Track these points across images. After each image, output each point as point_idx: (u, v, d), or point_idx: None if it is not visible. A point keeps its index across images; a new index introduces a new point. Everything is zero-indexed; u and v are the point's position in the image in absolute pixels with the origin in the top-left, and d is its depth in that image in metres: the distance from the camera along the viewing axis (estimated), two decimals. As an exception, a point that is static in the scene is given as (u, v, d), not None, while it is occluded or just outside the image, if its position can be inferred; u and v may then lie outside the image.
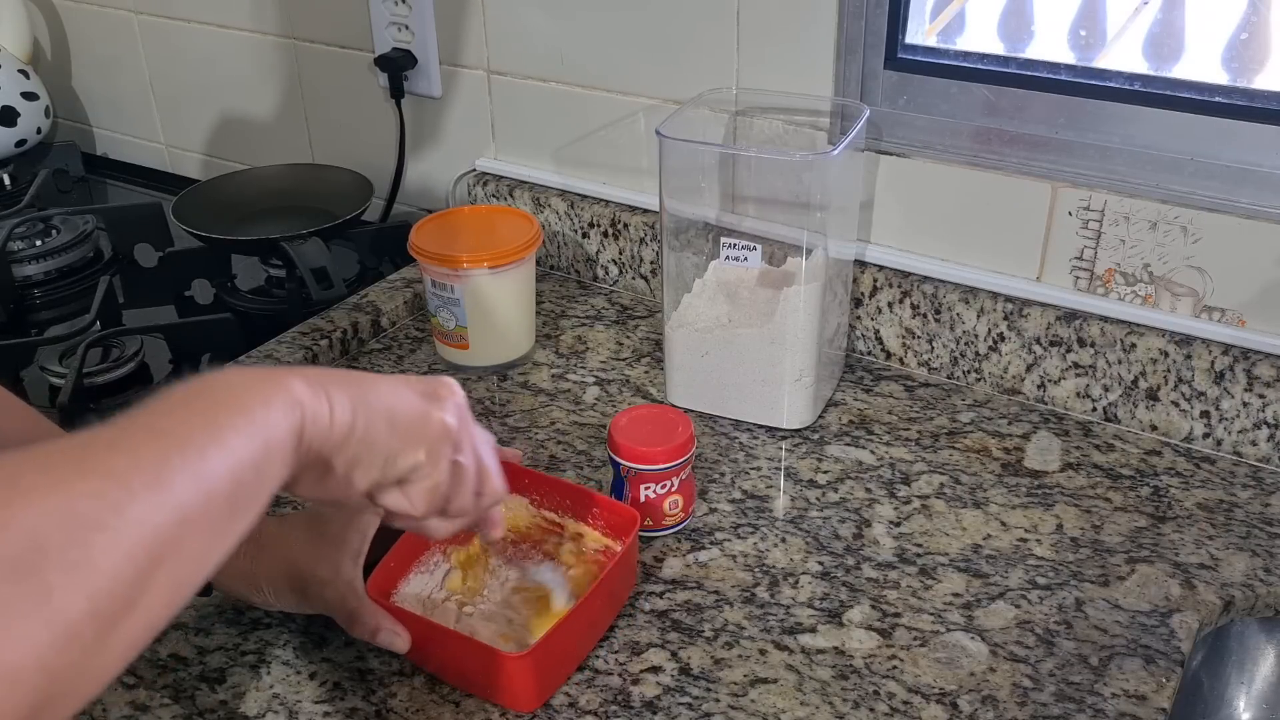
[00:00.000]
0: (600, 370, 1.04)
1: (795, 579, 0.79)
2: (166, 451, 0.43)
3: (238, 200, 1.28)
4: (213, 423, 0.45)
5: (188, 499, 0.42)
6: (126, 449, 0.42)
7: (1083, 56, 0.94)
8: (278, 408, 0.48)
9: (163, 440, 0.43)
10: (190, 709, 0.70)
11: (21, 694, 0.36)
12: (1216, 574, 0.79)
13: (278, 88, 1.38)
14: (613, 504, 0.77)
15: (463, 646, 0.69)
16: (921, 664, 0.72)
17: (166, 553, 0.41)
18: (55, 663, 0.37)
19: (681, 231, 0.96)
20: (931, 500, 0.86)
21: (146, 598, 0.41)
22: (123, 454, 0.42)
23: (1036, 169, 0.93)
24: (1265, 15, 0.88)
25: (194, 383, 0.47)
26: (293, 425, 0.49)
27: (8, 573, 0.36)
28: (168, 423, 0.44)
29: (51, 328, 1.17)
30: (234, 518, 0.46)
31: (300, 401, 0.49)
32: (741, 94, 1.02)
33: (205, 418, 0.45)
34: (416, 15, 1.19)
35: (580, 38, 1.11)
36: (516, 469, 0.79)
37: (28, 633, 0.36)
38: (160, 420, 0.45)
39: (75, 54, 1.58)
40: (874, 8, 0.94)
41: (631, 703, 0.69)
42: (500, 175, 1.22)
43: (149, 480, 0.41)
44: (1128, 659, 0.72)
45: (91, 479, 0.40)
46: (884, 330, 1.03)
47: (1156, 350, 0.91)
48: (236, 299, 1.21)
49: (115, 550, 0.39)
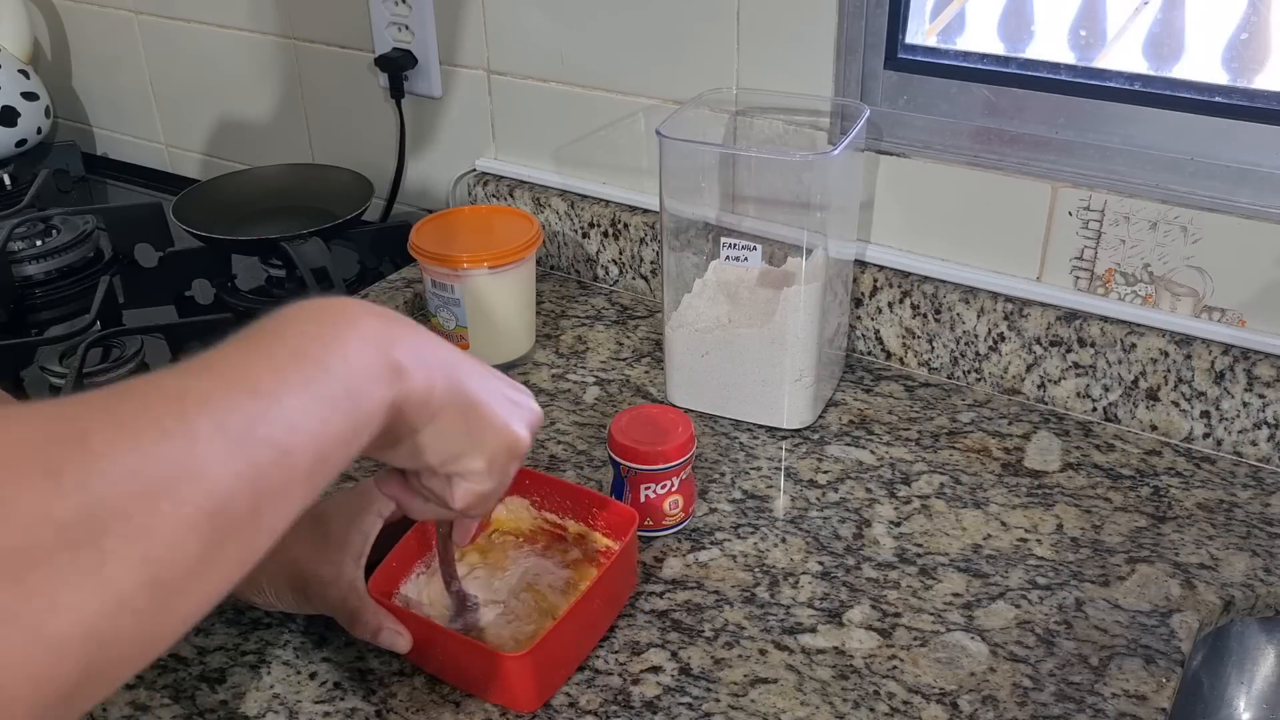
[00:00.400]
0: (600, 370, 1.04)
1: (795, 579, 0.79)
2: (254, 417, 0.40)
3: (238, 200, 1.28)
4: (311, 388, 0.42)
5: (268, 472, 0.40)
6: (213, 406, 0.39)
7: (1083, 56, 0.94)
8: (382, 382, 0.46)
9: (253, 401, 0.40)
10: (190, 709, 0.70)
11: (71, 661, 0.35)
12: (1216, 574, 0.79)
13: (278, 88, 1.38)
14: (612, 504, 0.77)
15: (462, 647, 0.69)
16: (921, 664, 0.72)
17: (235, 524, 0.39)
18: (106, 631, 0.36)
19: (681, 231, 0.96)
20: (932, 500, 0.86)
21: (209, 569, 0.39)
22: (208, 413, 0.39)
23: (1036, 169, 0.93)
24: (1265, 15, 0.88)
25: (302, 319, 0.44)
26: (388, 400, 0.47)
27: (65, 541, 0.35)
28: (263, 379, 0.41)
29: (51, 328, 1.17)
30: (310, 488, 0.43)
31: (403, 378, 0.47)
32: (741, 94, 1.02)
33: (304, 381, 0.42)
34: (416, 15, 1.19)
35: (580, 37, 1.11)
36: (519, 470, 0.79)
37: (76, 602, 0.35)
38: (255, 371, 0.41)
39: (75, 54, 1.58)
40: (874, 8, 0.94)
41: (631, 703, 0.69)
42: (500, 175, 1.22)
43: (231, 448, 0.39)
44: (1128, 659, 0.72)
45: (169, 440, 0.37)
46: (884, 330, 1.03)
47: (1156, 350, 0.91)
48: (237, 299, 1.21)
49: (180, 520, 0.37)
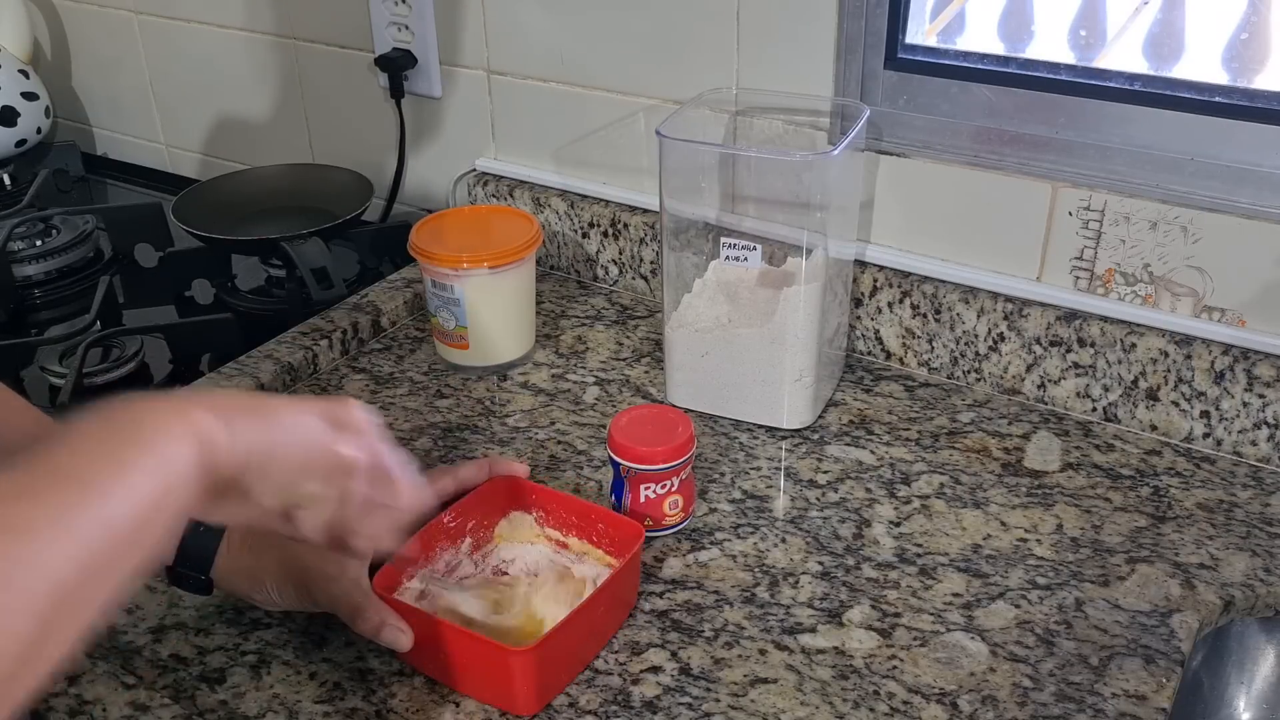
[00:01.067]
0: (600, 370, 1.04)
1: (795, 579, 0.79)
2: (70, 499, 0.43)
3: (238, 200, 1.28)
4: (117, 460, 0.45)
5: (93, 545, 0.42)
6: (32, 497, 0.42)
7: (1083, 56, 0.94)
8: (178, 438, 0.48)
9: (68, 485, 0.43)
10: (190, 709, 0.70)
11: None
12: (1216, 574, 0.79)
13: (278, 88, 1.38)
14: (618, 519, 0.77)
15: (465, 642, 0.68)
16: (921, 664, 0.72)
17: (69, 601, 0.41)
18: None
19: (681, 231, 0.96)
20: (931, 500, 0.86)
21: (47, 647, 0.41)
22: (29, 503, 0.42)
23: (1036, 169, 0.93)
24: (1265, 15, 0.88)
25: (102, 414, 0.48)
26: (194, 455, 0.49)
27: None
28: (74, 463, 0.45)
29: (51, 328, 1.17)
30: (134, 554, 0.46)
31: (200, 431, 0.50)
32: (741, 94, 1.02)
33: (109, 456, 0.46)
34: (416, 15, 1.19)
35: (580, 38, 1.11)
36: (523, 484, 0.80)
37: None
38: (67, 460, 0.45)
39: (75, 54, 1.58)
40: (874, 8, 0.94)
41: (631, 703, 0.69)
42: (500, 175, 1.22)
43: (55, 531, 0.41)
44: (1128, 659, 0.72)
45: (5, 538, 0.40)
46: (884, 330, 1.03)
47: (1156, 350, 0.91)
48: (236, 299, 1.21)
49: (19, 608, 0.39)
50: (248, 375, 0.98)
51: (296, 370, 1.02)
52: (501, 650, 0.67)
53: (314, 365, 1.04)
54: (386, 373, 1.04)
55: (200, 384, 0.98)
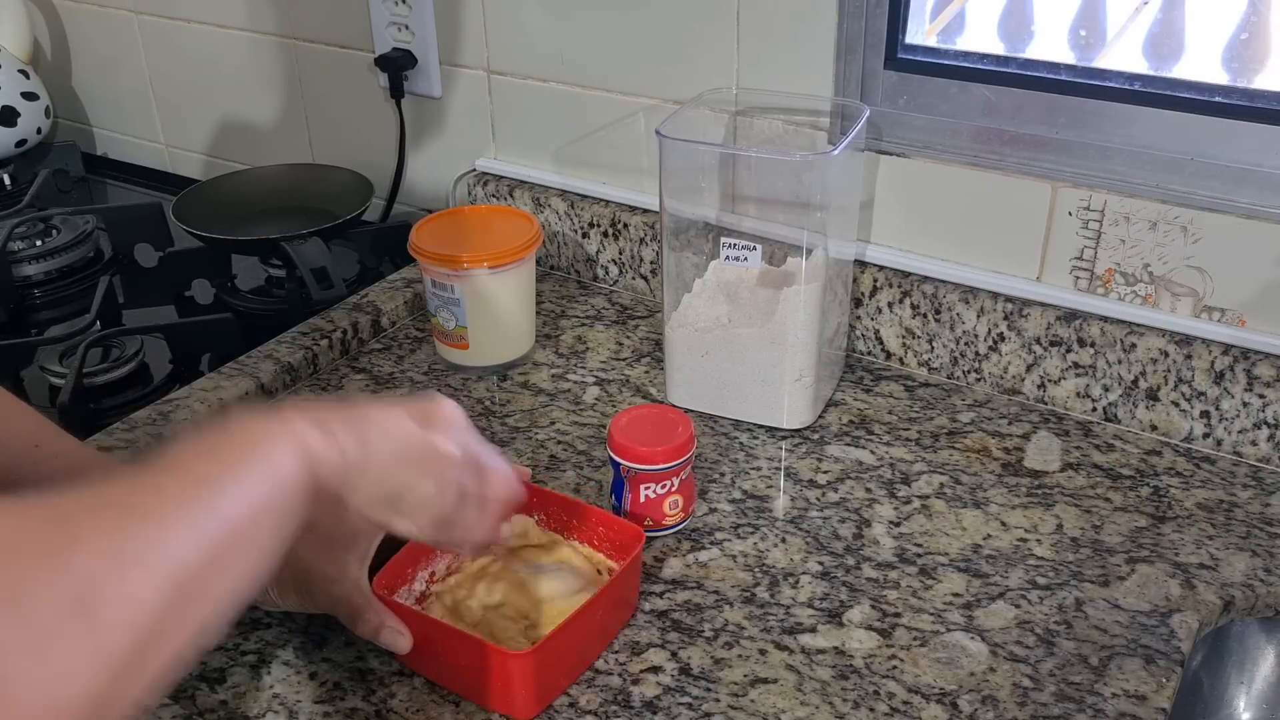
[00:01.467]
0: (600, 370, 1.04)
1: (795, 579, 0.79)
2: (192, 493, 0.47)
3: (238, 200, 1.28)
4: (232, 463, 0.50)
5: (212, 535, 0.47)
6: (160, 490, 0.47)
7: (1083, 56, 0.94)
8: (283, 447, 0.52)
9: (190, 482, 0.48)
10: (190, 709, 0.70)
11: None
12: (1216, 574, 0.79)
13: (278, 88, 1.38)
14: (618, 521, 0.77)
15: (464, 645, 0.68)
16: (921, 664, 0.72)
17: (190, 585, 0.45)
18: (102, 693, 0.40)
19: (681, 231, 0.96)
20: (931, 500, 0.86)
21: (176, 630, 0.44)
22: (156, 495, 0.47)
23: (1036, 169, 0.93)
24: (1265, 15, 0.88)
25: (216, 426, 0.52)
26: (298, 461, 0.52)
27: (66, 610, 0.39)
28: (195, 464, 0.49)
29: (51, 328, 1.17)
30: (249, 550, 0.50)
31: (308, 445, 0.53)
32: (741, 94, 1.02)
33: (225, 460, 0.50)
34: (416, 15, 1.19)
35: (580, 37, 1.11)
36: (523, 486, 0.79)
37: (81, 666, 0.39)
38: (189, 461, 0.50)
39: (75, 54, 1.58)
40: (874, 8, 0.94)
41: (631, 703, 0.69)
42: (500, 175, 1.22)
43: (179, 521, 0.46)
44: (1128, 659, 0.72)
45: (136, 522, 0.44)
46: (884, 330, 1.03)
47: (1156, 350, 0.91)
48: (236, 299, 1.21)
49: (148, 582, 0.43)
50: (248, 375, 0.98)
51: (296, 370, 1.02)
52: (500, 654, 0.67)
53: (314, 365, 1.04)
54: (386, 373, 1.04)
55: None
